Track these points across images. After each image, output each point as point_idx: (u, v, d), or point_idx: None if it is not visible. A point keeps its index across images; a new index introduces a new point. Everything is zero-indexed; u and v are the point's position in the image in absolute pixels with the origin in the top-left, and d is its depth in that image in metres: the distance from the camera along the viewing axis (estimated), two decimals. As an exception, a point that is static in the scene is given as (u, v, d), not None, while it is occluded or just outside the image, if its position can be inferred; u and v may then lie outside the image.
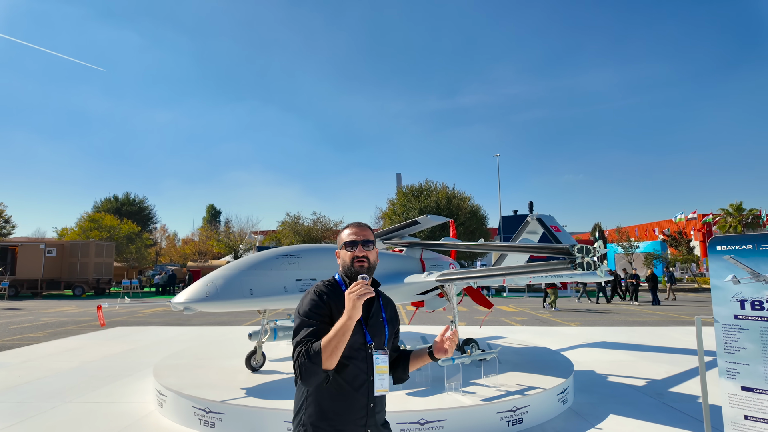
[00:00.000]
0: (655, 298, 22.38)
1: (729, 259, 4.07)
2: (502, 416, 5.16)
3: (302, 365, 1.84)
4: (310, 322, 1.96)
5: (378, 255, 2.19)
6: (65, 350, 10.06)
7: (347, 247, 2.11)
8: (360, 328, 2.02)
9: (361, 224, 2.19)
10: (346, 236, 2.13)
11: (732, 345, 3.99)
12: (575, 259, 5.55)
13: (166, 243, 54.53)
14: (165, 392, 5.74)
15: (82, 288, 30.06)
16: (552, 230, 10.31)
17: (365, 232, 2.15)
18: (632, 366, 8.47)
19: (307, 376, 1.85)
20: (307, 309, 2.00)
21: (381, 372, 2.02)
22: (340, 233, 2.20)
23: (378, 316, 2.14)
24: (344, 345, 1.85)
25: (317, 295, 2.04)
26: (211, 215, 73.57)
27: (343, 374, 1.97)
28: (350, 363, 1.97)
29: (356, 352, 1.99)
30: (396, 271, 7.51)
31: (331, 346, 1.83)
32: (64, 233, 40.34)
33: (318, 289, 2.08)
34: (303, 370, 1.85)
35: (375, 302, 2.16)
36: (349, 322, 1.85)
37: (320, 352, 1.82)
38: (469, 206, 34.33)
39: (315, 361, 1.83)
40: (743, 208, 40.48)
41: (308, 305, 2.01)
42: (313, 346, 1.85)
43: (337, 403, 1.96)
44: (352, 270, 2.08)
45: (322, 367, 1.83)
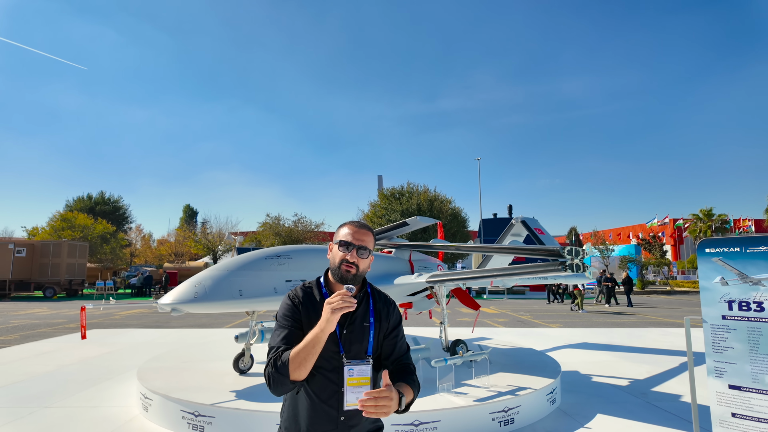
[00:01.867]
0: (629, 300, 22.99)
1: (717, 261, 4.19)
2: (494, 417, 5.20)
3: (270, 375, 1.77)
4: (283, 325, 1.90)
5: (371, 264, 2.01)
6: (40, 353, 9.70)
7: (341, 247, 1.94)
8: (333, 336, 1.87)
9: (363, 226, 2.01)
10: (344, 234, 1.96)
11: (720, 345, 4.11)
12: (565, 261, 5.64)
13: (141, 244, 53.26)
14: (151, 396, 5.59)
15: (53, 289, 29.08)
16: (536, 233, 10.46)
17: (365, 236, 1.97)
18: (615, 366, 8.65)
19: (276, 386, 1.78)
20: (281, 313, 1.94)
21: (355, 384, 1.82)
22: (340, 228, 2.02)
23: (363, 321, 1.96)
24: (314, 357, 1.74)
25: (290, 300, 1.96)
26: (187, 215, 72.23)
27: (312, 384, 1.87)
28: (319, 373, 1.86)
29: (327, 362, 1.86)
30: (386, 273, 7.50)
31: (299, 358, 1.73)
32: (34, 232, 38.97)
33: (293, 293, 1.99)
34: (271, 380, 1.78)
35: (361, 305, 1.99)
36: (321, 335, 1.73)
37: (288, 363, 1.74)
38: (450, 209, 34.54)
39: (282, 372, 1.74)
40: (713, 213, 41.88)
41: (282, 309, 1.95)
42: (282, 356, 1.77)
43: (307, 413, 1.88)
44: (338, 272, 1.94)
45: (289, 379, 1.74)
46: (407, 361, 2.03)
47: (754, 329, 3.92)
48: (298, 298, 1.97)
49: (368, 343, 1.95)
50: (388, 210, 34.09)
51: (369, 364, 1.88)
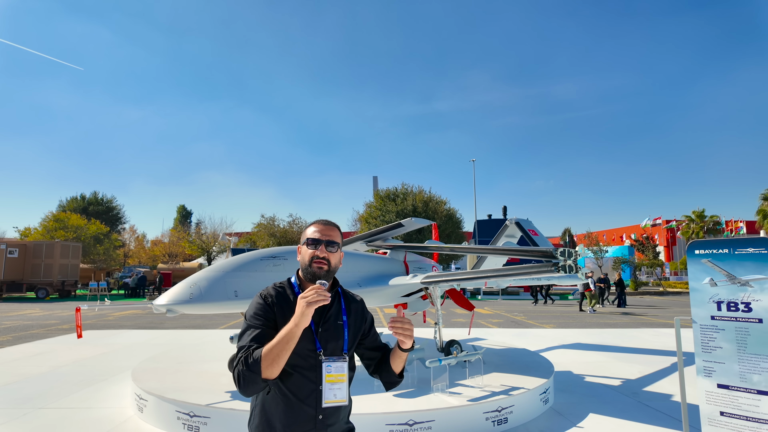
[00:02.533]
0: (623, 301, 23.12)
1: (707, 263, 4.27)
2: (488, 416, 5.25)
3: (240, 373, 1.71)
4: (253, 325, 1.84)
5: (342, 259, 2.04)
6: (33, 354, 9.66)
7: (309, 245, 1.95)
8: (309, 333, 1.87)
9: (328, 222, 2.04)
10: (311, 233, 1.98)
11: (709, 344, 4.18)
12: (558, 262, 5.71)
13: (134, 244, 53.00)
14: (146, 396, 5.60)
15: (45, 290, 28.85)
16: (530, 234, 10.53)
17: (332, 231, 1.99)
18: (607, 366, 8.73)
19: (245, 385, 1.72)
20: (252, 313, 1.89)
21: (333, 381, 1.86)
22: (306, 228, 2.04)
23: (336, 319, 1.98)
24: (288, 354, 1.72)
25: (263, 299, 1.92)
26: (181, 216, 71.91)
27: (288, 383, 1.84)
28: (296, 371, 1.85)
29: (304, 360, 1.85)
30: (381, 274, 7.54)
31: (272, 355, 1.69)
32: (26, 233, 38.66)
33: (265, 292, 1.96)
34: (241, 379, 1.72)
35: (334, 304, 2.01)
36: (295, 329, 1.70)
37: (260, 360, 1.69)
38: (445, 210, 34.64)
39: (254, 370, 1.69)
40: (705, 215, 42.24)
41: (253, 309, 1.90)
42: (254, 353, 1.72)
43: (282, 413, 1.84)
44: (309, 270, 1.94)
45: (261, 377, 1.69)
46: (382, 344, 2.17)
47: (742, 329, 4.00)
48: (271, 296, 1.94)
49: (344, 341, 1.97)
50: (383, 211, 34.14)
51: (345, 360, 1.92)
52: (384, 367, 2.07)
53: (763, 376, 3.85)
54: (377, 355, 2.11)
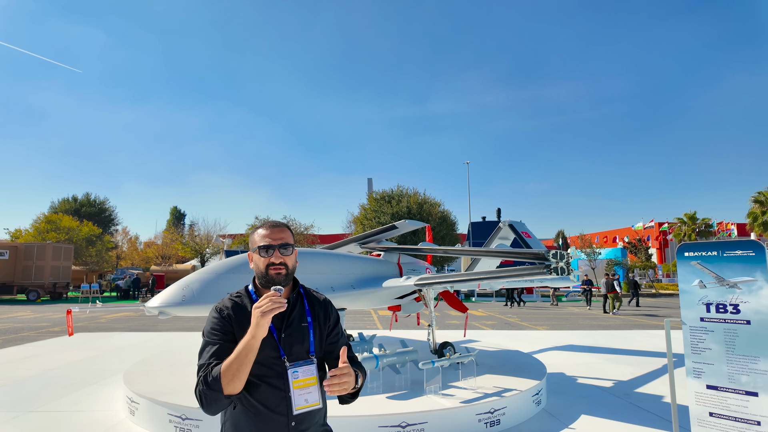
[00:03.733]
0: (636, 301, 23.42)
1: (696, 265, 4.32)
2: (480, 418, 5.27)
3: (201, 393, 1.66)
4: (212, 341, 1.77)
5: (297, 257, 1.97)
6: (24, 357, 9.58)
7: (261, 252, 1.85)
8: (271, 341, 1.80)
9: (276, 224, 1.94)
10: (260, 239, 1.87)
11: (698, 346, 4.23)
12: (550, 264, 5.75)
13: (127, 246, 52.64)
14: (137, 399, 5.57)
15: (36, 292, 28.58)
16: (523, 236, 10.59)
17: (282, 233, 1.89)
18: (599, 368, 8.79)
19: (209, 404, 1.66)
20: (209, 328, 1.81)
21: (302, 386, 1.79)
22: (253, 234, 1.92)
23: (301, 322, 1.90)
24: (248, 367, 1.66)
25: (218, 312, 1.83)
26: (174, 218, 71.48)
27: (256, 394, 1.78)
28: (261, 381, 1.78)
29: (268, 369, 1.79)
30: (374, 275, 7.55)
31: (232, 370, 1.63)
32: (17, 235, 38.31)
33: (221, 305, 1.86)
34: (203, 398, 1.66)
35: (297, 306, 1.93)
36: (252, 341, 1.64)
37: (219, 377, 1.63)
38: (439, 212, 34.71)
39: (214, 388, 1.64)
40: (696, 217, 42.61)
41: (210, 324, 1.81)
42: (212, 371, 1.66)
43: (253, 426, 1.77)
44: (267, 278, 1.85)
45: (223, 394, 1.64)
46: (351, 354, 2.01)
47: (731, 331, 4.05)
48: (227, 308, 1.85)
49: (309, 343, 1.90)
50: (378, 213, 34.16)
51: (313, 363, 1.86)
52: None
53: (751, 377, 3.90)
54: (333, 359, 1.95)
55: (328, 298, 2.12)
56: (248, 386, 1.76)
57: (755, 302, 3.94)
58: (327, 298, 2.10)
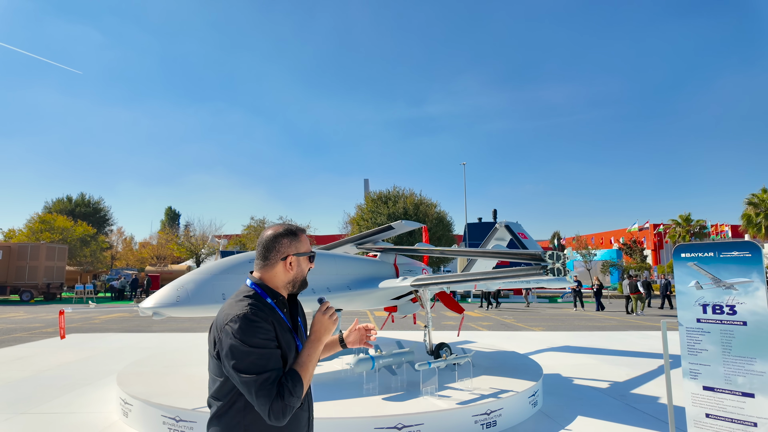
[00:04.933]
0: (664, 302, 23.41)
1: (693, 266, 4.31)
2: (477, 419, 5.24)
3: (287, 404, 1.61)
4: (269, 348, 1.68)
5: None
6: (16, 359, 9.48)
7: (312, 258, 1.93)
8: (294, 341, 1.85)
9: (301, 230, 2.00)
10: (308, 246, 1.93)
11: (695, 347, 4.23)
12: (546, 265, 5.74)
13: (122, 246, 52.33)
14: (131, 401, 5.51)
15: (30, 293, 28.38)
16: (519, 237, 10.58)
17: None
18: (595, 369, 8.79)
19: (288, 414, 1.63)
20: (261, 338, 1.67)
21: None
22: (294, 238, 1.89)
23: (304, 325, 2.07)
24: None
25: (262, 319, 1.72)
26: (169, 218, 71.15)
27: None
28: None
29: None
30: (370, 276, 7.52)
31: (308, 375, 1.70)
32: (11, 235, 38.01)
33: (255, 312, 1.72)
34: (288, 410, 1.62)
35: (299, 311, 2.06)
36: (319, 345, 1.78)
37: (301, 383, 1.67)
38: (435, 213, 34.72)
39: (299, 395, 1.65)
40: (691, 219, 42.83)
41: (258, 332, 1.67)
42: (292, 379, 1.65)
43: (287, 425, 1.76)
44: (304, 283, 1.93)
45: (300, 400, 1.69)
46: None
47: (727, 332, 4.05)
48: (265, 315, 1.77)
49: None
50: (374, 213, 34.13)
51: None
52: None
53: (748, 378, 3.89)
54: None
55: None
56: None
57: (751, 303, 3.94)
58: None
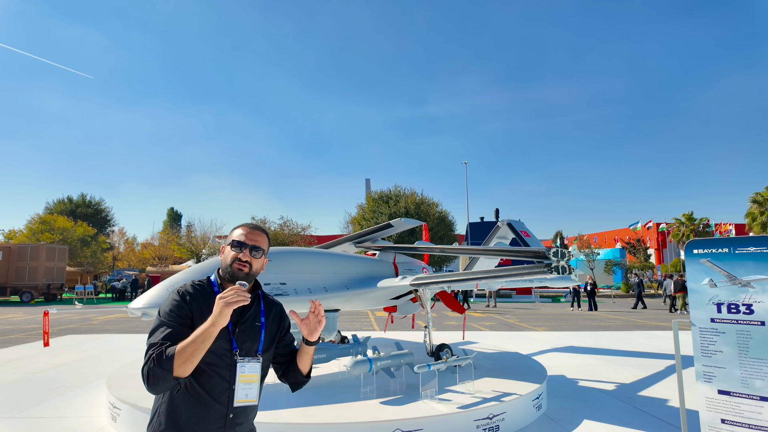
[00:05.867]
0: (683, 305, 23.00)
1: (706, 263, 4.08)
2: (478, 424, 5.02)
3: (151, 370, 1.68)
4: (168, 324, 1.80)
5: (265, 265, 2.06)
6: (8, 360, 9.30)
7: (234, 247, 1.96)
8: (226, 333, 1.88)
9: (256, 227, 2.06)
10: (237, 235, 1.99)
11: (709, 348, 4.00)
12: (551, 263, 5.52)
13: (124, 247, 52.24)
14: (119, 405, 5.32)
15: (30, 294, 28.28)
16: (522, 235, 10.36)
17: (259, 237, 2.02)
18: (601, 370, 8.55)
19: (155, 383, 1.69)
20: (167, 310, 1.84)
21: (246, 381, 1.90)
22: (234, 230, 2.05)
23: (254, 321, 2.01)
24: (202, 353, 1.71)
25: (180, 296, 1.89)
26: (171, 219, 71.09)
27: (202, 381, 1.83)
28: (210, 369, 1.84)
29: (219, 358, 1.86)
30: (369, 275, 7.31)
31: (186, 353, 1.68)
32: (11, 235, 37.93)
33: (183, 289, 1.92)
34: (151, 376, 1.68)
35: (253, 306, 2.04)
36: (212, 329, 1.70)
37: (173, 357, 1.67)
38: (437, 212, 34.49)
39: (165, 367, 1.67)
40: (694, 217, 42.51)
41: (169, 306, 1.86)
42: (167, 350, 1.70)
43: (192, 412, 1.81)
44: (229, 270, 1.95)
45: (172, 374, 1.68)
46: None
47: (744, 332, 3.82)
48: (189, 294, 1.90)
49: (260, 343, 2.00)
50: (375, 213, 33.94)
51: (259, 362, 1.96)
52: (291, 368, 2.10)
53: (766, 381, 3.67)
54: (288, 359, 2.14)
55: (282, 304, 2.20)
56: (196, 372, 1.80)
57: (770, 302, 3.71)
58: (282, 305, 2.19)
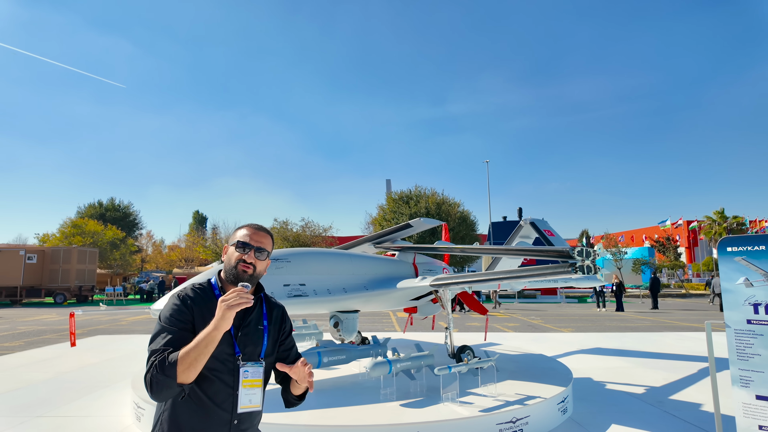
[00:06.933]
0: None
1: (740, 261, 3.88)
2: (501, 428, 4.90)
3: (153, 378, 1.63)
4: (169, 329, 1.74)
5: (268, 267, 1.99)
6: (40, 360, 9.58)
7: (238, 248, 1.90)
8: (228, 337, 1.82)
9: (261, 228, 1.99)
10: (241, 236, 1.92)
11: (745, 351, 3.80)
12: (576, 263, 5.35)
13: (152, 249, 53.57)
14: (143, 405, 5.38)
15: (63, 295, 29.22)
16: (546, 234, 10.13)
17: (264, 238, 1.95)
18: (629, 373, 8.28)
19: (158, 390, 1.64)
20: (168, 315, 1.79)
21: (249, 386, 1.84)
22: (237, 230, 1.98)
23: (257, 324, 1.95)
24: (206, 357, 1.66)
25: (180, 300, 1.83)
26: (197, 221, 72.58)
27: (204, 387, 1.78)
28: (213, 375, 1.79)
29: (221, 363, 1.80)
30: (388, 276, 7.24)
31: (189, 358, 1.63)
32: (45, 239, 39.32)
33: (183, 293, 1.86)
34: (154, 383, 1.63)
35: (256, 308, 1.98)
36: (215, 332, 1.64)
37: (176, 363, 1.62)
38: (458, 212, 34.16)
39: (169, 374, 1.62)
40: (726, 215, 41.05)
41: (169, 311, 1.80)
42: (169, 357, 1.64)
43: (195, 419, 1.77)
44: (233, 272, 1.89)
45: (176, 381, 1.63)
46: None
47: (783, 334, 3.61)
48: (189, 297, 1.84)
49: (262, 347, 1.94)
50: (396, 213, 33.85)
51: (262, 366, 1.90)
52: (286, 383, 2.01)
53: (809, 386, 3.46)
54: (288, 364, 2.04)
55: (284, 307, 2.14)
56: (198, 378, 1.74)
57: (812, 302, 3.50)
58: (284, 308, 2.13)
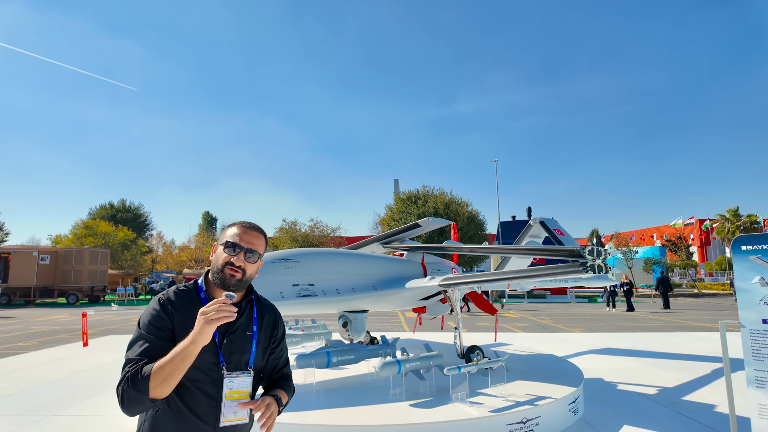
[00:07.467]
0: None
1: (755, 260, 3.82)
2: (512, 428, 4.87)
3: (125, 392, 1.52)
4: (146, 337, 1.63)
5: (259, 269, 1.83)
6: (54, 360, 9.70)
7: (227, 248, 1.73)
8: (212, 346, 1.69)
9: (253, 227, 1.82)
10: (231, 235, 1.76)
11: (761, 351, 3.73)
12: (586, 262, 5.30)
13: (162, 250, 54.05)
14: (154, 404, 5.43)
15: (75, 296, 29.59)
16: (555, 234, 10.05)
17: (256, 239, 1.78)
18: (641, 373, 8.19)
19: (129, 404, 1.53)
20: (146, 321, 1.67)
21: (233, 398, 1.69)
22: (228, 227, 1.82)
23: (246, 330, 1.80)
24: (182, 373, 1.54)
25: (161, 305, 1.70)
26: (207, 222, 73.13)
27: (186, 398, 1.66)
28: (194, 386, 1.67)
29: (203, 374, 1.68)
30: (397, 276, 7.23)
31: (164, 373, 1.51)
32: (57, 240, 39.86)
33: (164, 297, 1.73)
34: (125, 397, 1.52)
35: (245, 313, 1.82)
36: (192, 347, 1.52)
37: (149, 378, 1.50)
38: (467, 212, 34.09)
39: (140, 389, 1.50)
40: (740, 213, 40.47)
41: (148, 316, 1.68)
42: (143, 369, 1.53)
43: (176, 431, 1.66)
44: (220, 276, 1.73)
45: (148, 396, 1.51)
46: (288, 372, 1.98)
47: (800, 334, 3.55)
48: (171, 302, 1.71)
49: (250, 354, 1.80)
50: (404, 213, 33.85)
51: (250, 375, 1.75)
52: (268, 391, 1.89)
53: (827, 387, 3.39)
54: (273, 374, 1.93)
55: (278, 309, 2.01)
56: (179, 389, 1.63)
57: (830, 301, 3.43)
58: (278, 310, 2.00)
